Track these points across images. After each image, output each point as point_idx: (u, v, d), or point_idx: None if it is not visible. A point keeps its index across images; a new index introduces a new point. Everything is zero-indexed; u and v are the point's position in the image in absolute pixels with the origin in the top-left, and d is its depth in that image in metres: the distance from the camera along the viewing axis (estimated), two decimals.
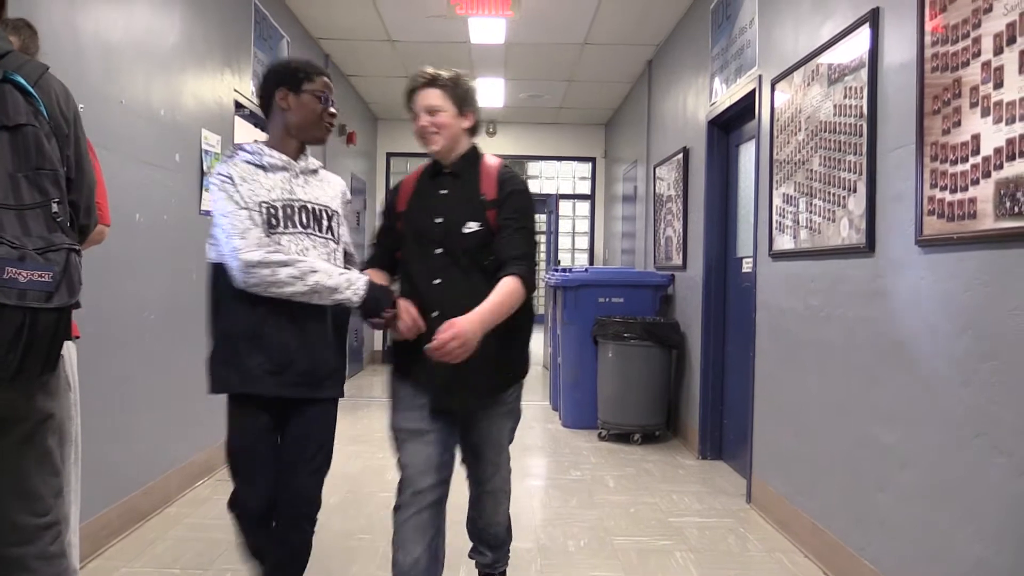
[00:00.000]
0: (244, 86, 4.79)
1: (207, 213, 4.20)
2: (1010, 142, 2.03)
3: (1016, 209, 2.00)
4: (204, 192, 4.14)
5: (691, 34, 5.50)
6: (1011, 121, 2.03)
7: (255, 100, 4.98)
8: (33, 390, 1.65)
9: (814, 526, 3.22)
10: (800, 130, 3.45)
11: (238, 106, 4.73)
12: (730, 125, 4.82)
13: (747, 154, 4.52)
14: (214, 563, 3.05)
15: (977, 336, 2.20)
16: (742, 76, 4.30)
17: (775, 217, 3.74)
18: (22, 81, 1.55)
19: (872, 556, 2.75)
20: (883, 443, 2.70)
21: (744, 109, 4.38)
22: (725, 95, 4.60)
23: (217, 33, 4.34)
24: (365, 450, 5.00)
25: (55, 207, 1.52)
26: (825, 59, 3.19)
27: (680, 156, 5.52)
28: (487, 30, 6.16)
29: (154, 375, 3.63)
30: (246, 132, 5.52)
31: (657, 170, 6.32)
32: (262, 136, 6.08)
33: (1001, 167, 2.06)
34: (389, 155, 9.68)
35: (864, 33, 2.85)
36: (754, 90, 4.06)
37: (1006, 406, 2.07)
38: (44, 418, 1.68)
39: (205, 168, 4.15)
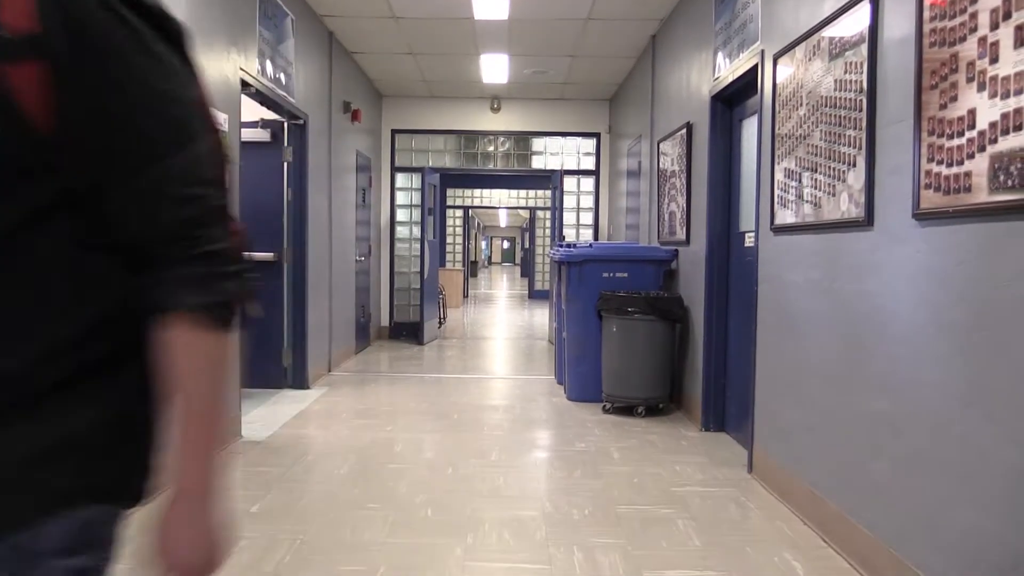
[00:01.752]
0: (250, 65, 4.82)
1: None
2: (1005, 116, 2.07)
3: (1009, 182, 2.04)
4: None
5: (694, 9, 5.50)
6: (1006, 96, 2.06)
7: (261, 79, 5.01)
8: None
9: (813, 494, 3.29)
10: (801, 105, 3.48)
11: (244, 84, 4.76)
12: (733, 100, 4.84)
13: (750, 129, 4.54)
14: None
15: (971, 308, 2.25)
16: (745, 51, 4.32)
17: (777, 191, 3.78)
18: None
19: (868, 523, 2.83)
20: (879, 412, 2.76)
21: (747, 84, 4.40)
22: (728, 70, 4.62)
23: (222, 12, 4.36)
24: (373, 423, 5.09)
25: None
26: (826, 34, 3.22)
27: (684, 131, 5.54)
28: (491, 5, 6.16)
29: None
30: (252, 110, 5.56)
31: (661, 145, 6.34)
32: (269, 114, 6.05)
33: (996, 141, 2.10)
34: (394, 132, 9.70)
35: (864, 8, 2.87)
36: (756, 65, 4.08)
37: (997, 376, 2.13)
38: None
39: None
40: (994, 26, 2.11)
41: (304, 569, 2.80)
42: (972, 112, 2.21)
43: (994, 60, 2.11)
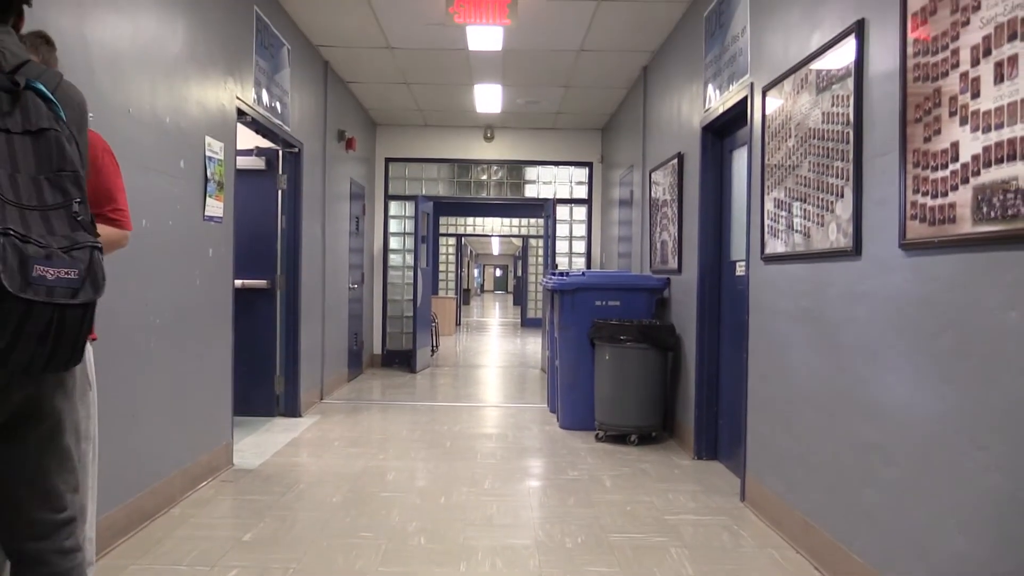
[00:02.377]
0: (246, 93, 4.87)
1: (210, 219, 4.28)
2: (986, 149, 2.12)
3: (992, 214, 2.09)
4: (208, 198, 4.22)
5: (685, 42, 5.60)
6: (987, 129, 2.12)
7: (257, 108, 5.07)
8: (51, 390, 1.73)
9: (805, 523, 3.30)
10: (790, 136, 3.54)
11: (240, 113, 4.81)
12: (724, 131, 4.91)
13: (740, 160, 4.61)
14: (221, 560, 3.13)
15: (957, 335, 2.29)
16: (735, 83, 4.39)
17: (767, 221, 3.83)
18: (43, 88, 1.64)
19: (860, 550, 2.84)
20: (869, 440, 2.79)
21: (737, 115, 4.47)
22: (718, 102, 4.69)
23: (220, 42, 4.42)
24: (365, 451, 5.08)
25: (76, 207, 1.61)
26: (814, 67, 3.29)
27: (675, 161, 5.61)
28: (485, 37, 6.25)
29: (158, 378, 3.70)
30: (248, 138, 5.61)
31: (653, 175, 6.41)
32: (264, 142, 6.11)
33: (978, 173, 2.15)
34: (388, 160, 9.77)
35: (850, 43, 2.94)
36: (746, 97, 4.15)
37: (983, 403, 2.16)
38: (61, 417, 1.77)
39: (209, 175, 4.23)
40: (975, 62, 2.17)
41: None
42: (955, 145, 2.26)
43: (975, 95, 2.17)
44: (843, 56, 3.01)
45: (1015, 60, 2.01)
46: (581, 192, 9.79)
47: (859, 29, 2.88)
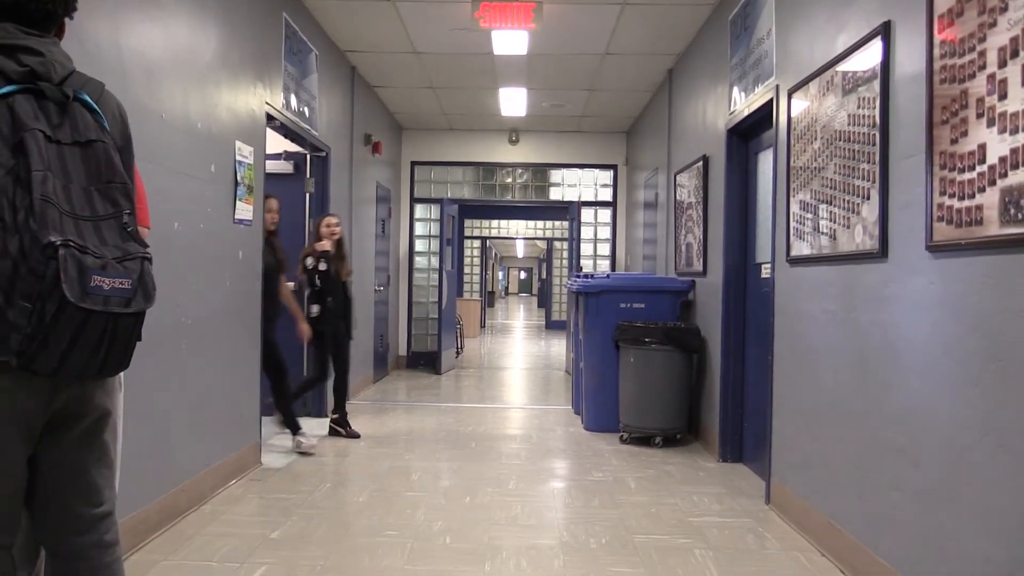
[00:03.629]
0: (275, 99, 4.94)
1: (240, 222, 4.35)
2: (1014, 151, 2.11)
3: (1020, 216, 2.08)
4: (238, 201, 4.29)
5: (710, 44, 5.59)
6: (1015, 131, 2.11)
7: (286, 113, 5.14)
8: (93, 389, 1.78)
9: (831, 525, 3.29)
10: (816, 139, 3.54)
11: (269, 118, 4.88)
12: (749, 134, 4.91)
13: (766, 162, 4.60)
14: (250, 557, 3.18)
15: (984, 338, 2.28)
16: (760, 86, 4.39)
17: (792, 224, 3.82)
18: (89, 100, 1.69)
19: (885, 553, 2.83)
20: (896, 444, 2.78)
21: (762, 118, 4.47)
22: (744, 104, 4.69)
23: (250, 48, 4.50)
24: (391, 451, 5.13)
25: (126, 218, 1.66)
26: (840, 69, 3.28)
27: (700, 164, 5.61)
28: (510, 42, 6.28)
29: (189, 378, 3.77)
30: (277, 143, 5.69)
31: (678, 177, 6.41)
32: (292, 147, 6.21)
33: (1006, 175, 2.15)
34: (413, 163, 9.84)
35: (876, 45, 2.94)
36: (772, 99, 4.15)
37: (1011, 406, 2.15)
38: (103, 414, 1.82)
39: (239, 178, 4.30)
40: (1002, 64, 2.16)
41: None
42: (982, 147, 2.25)
43: (1003, 97, 2.16)
44: (869, 58, 3.00)
45: None
46: (606, 195, 9.79)
47: (885, 31, 2.88)
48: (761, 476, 4.43)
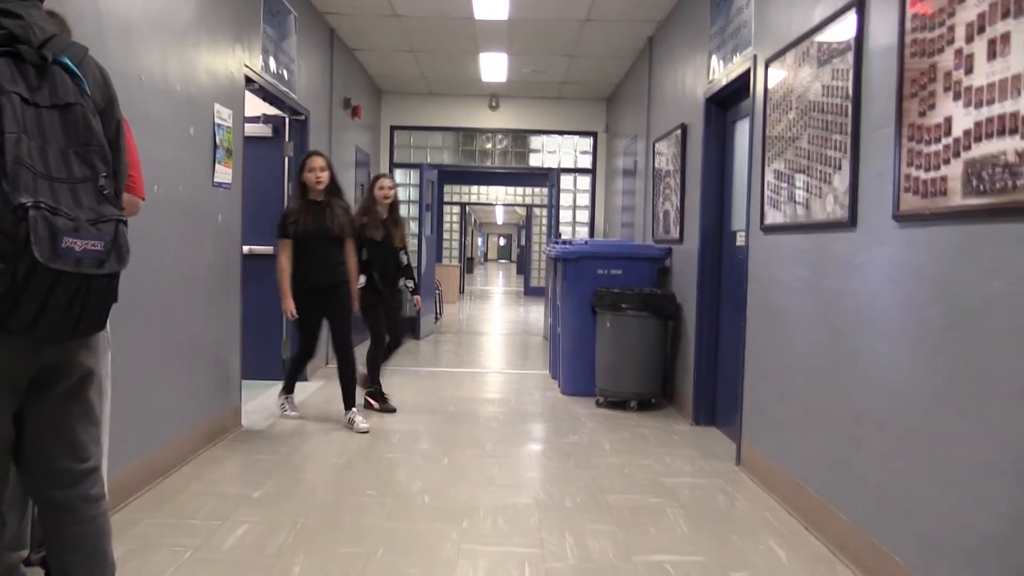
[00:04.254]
0: (254, 61, 4.91)
1: (219, 185, 4.35)
2: (978, 124, 2.18)
3: (981, 187, 2.16)
4: (217, 164, 4.29)
5: (691, 13, 5.61)
6: (979, 105, 2.18)
7: (265, 75, 5.11)
8: (77, 348, 1.83)
9: (798, 485, 3.41)
10: (791, 109, 3.59)
11: (248, 81, 4.86)
12: (727, 103, 4.95)
13: (743, 131, 4.65)
14: (232, 515, 3.25)
15: (946, 306, 2.37)
16: (738, 55, 4.43)
17: (767, 192, 3.89)
18: (69, 63, 1.71)
19: (849, 512, 2.94)
20: (861, 407, 2.88)
21: (740, 87, 4.51)
22: (722, 73, 4.73)
23: (228, 9, 4.46)
24: (370, 414, 5.19)
25: (102, 180, 1.68)
26: (816, 40, 3.33)
27: (679, 132, 5.65)
28: (491, 6, 6.26)
29: (170, 340, 3.80)
30: (255, 106, 5.65)
31: (656, 145, 6.45)
32: (271, 110, 6.19)
33: (969, 148, 2.22)
34: (393, 128, 9.79)
35: (851, 18, 2.98)
36: (749, 69, 4.19)
37: (970, 371, 2.24)
38: (86, 373, 1.86)
39: (218, 141, 4.29)
40: (969, 39, 2.22)
41: (306, 551, 2.91)
42: (948, 120, 2.32)
43: (969, 71, 2.23)
44: (844, 30, 3.05)
45: (1007, 38, 2.06)
46: (585, 162, 9.81)
47: (860, 3, 2.93)
48: (732, 439, 4.55)
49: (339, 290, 4.88)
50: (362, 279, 5.14)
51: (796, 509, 3.41)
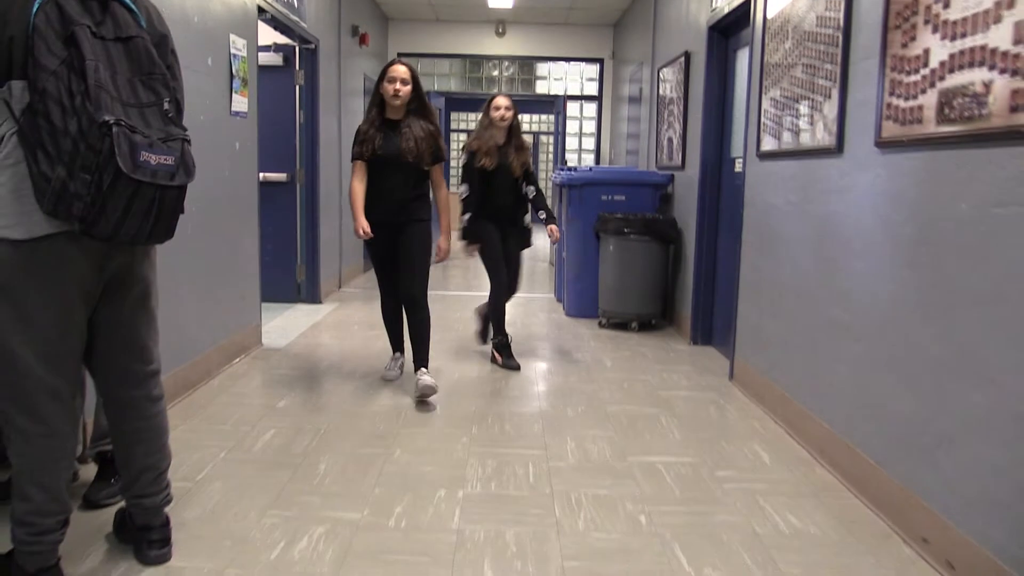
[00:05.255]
0: None
1: (236, 114, 4.52)
2: (952, 56, 2.34)
3: (952, 115, 2.33)
4: (234, 94, 4.44)
5: None
6: (954, 38, 2.33)
7: (275, 4, 5.20)
8: (140, 259, 2.05)
9: (784, 396, 3.66)
10: (788, 38, 3.72)
11: (260, 10, 4.96)
12: (729, 31, 5.04)
13: (743, 60, 4.76)
14: (259, 423, 3.52)
15: (918, 225, 2.56)
16: None
17: (763, 120, 4.04)
18: (127, 0, 1.89)
19: (826, 417, 3.20)
20: (841, 321, 3.10)
21: (741, 15, 4.60)
22: (725, 1, 4.81)
23: None
24: (382, 335, 5.37)
25: (166, 105, 1.88)
26: None
27: (682, 59, 5.74)
28: None
29: (194, 262, 4.02)
30: (268, 35, 5.76)
31: (661, 72, 6.54)
32: (281, 39, 6.23)
33: (944, 78, 2.38)
34: (400, 55, 9.81)
35: None
36: None
37: (937, 285, 2.45)
38: (147, 283, 2.10)
39: (234, 71, 4.43)
40: None
41: (329, 452, 3.19)
42: (927, 51, 2.47)
43: (946, 5, 2.37)
44: None
45: None
46: (592, 89, 9.86)
47: None
48: (727, 357, 4.79)
49: (409, 229, 4.04)
50: (465, 217, 4.56)
51: (781, 418, 3.67)
